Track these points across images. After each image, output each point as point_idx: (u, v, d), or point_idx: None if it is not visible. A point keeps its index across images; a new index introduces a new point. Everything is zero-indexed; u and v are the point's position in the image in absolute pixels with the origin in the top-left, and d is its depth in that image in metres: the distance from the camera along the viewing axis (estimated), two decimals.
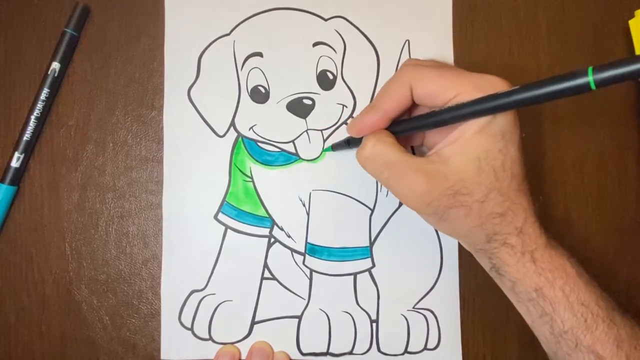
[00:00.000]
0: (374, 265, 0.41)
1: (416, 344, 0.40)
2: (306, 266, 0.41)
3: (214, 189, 0.41)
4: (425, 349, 0.40)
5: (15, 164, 0.40)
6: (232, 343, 0.40)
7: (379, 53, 0.42)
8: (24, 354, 0.40)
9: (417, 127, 0.33)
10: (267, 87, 0.41)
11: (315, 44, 0.41)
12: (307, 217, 0.41)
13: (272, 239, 0.41)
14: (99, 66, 0.41)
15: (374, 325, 0.40)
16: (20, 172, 0.40)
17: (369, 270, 0.41)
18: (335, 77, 0.41)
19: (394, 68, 0.42)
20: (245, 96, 0.41)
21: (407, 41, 0.42)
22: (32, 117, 0.40)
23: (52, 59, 0.40)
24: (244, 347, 0.40)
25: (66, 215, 0.41)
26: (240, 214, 0.40)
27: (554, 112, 0.42)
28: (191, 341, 0.40)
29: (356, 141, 0.36)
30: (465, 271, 0.41)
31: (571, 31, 0.43)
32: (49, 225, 0.41)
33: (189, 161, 0.41)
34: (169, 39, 0.41)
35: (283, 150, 0.41)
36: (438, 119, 0.31)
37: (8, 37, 0.41)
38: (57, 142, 0.41)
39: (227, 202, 0.41)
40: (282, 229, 0.41)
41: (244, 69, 0.41)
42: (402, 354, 0.40)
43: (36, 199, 0.41)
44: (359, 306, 0.41)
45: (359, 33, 0.42)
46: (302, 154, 0.41)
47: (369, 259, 0.41)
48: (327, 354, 0.40)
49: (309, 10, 0.42)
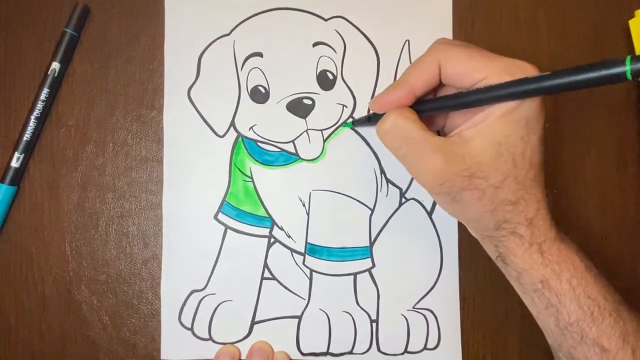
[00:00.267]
0: (374, 265, 0.41)
1: (416, 344, 0.40)
2: (306, 266, 0.41)
3: (214, 189, 0.41)
4: (425, 348, 0.40)
5: (15, 164, 0.40)
6: (232, 343, 0.40)
7: (379, 53, 0.42)
8: (24, 354, 0.40)
9: (442, 107, 0.33)
10: (267, 87, 0.41)
11: (315, 44, 0.41)
12: (307, 217, 0.41)
13: (272, 239, 0.41)
14: (99, 66, 0.41)
15: (374, 325, 0.40)
16: (20, 172, 0.40)
17: (369, 270, 0.41)
18: (335, 77, 0.41)
19: (394, 68, 0.42)
20: (245, 96, 0.41)
21: (407, 41, 0.42)
22: (32, 117, 0.40)
23: (52, 59, 0.40)
24: (244, 347, 0.40)
25: (66, 215, 0.41)
26: (240, 214, 0.40)
27: (554, 112, 0.42)
28: (191, 341, 0.40)
29: (377, 118, 0.35)
30: (465, 271, 0.41)
31: (571, 31, 0.43)
32: (49, 225, 0.41)
33: (189, 161, 0.41)
34: (169, 39, 0.41)
35: (283, 150, 0.41)
36: (465, 100, 0.31)
37: (8, 37, 0.41)
38: (57, 142, 0.41)
39: (227, 202, 0.41)
40: (282, 229, 0.41)
41: (244, 69, 0.41)
42: (402, 354, 0.40)
43: (36, 199, 0.41)
44: (359, 306, 0.41)
45: (359, 33, 0.42)
46: (302, 154, 0.41)
47: (369, 259, 0.41)
48: (327, 354, 0.40)
49: (309, 10, 0.42)
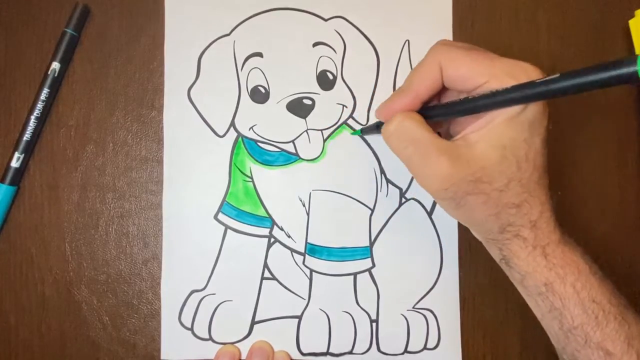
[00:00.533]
0: (374, 265, 0.41)
1: (416, 344, 0.40)
2: (306, 266, 0.41)
3: (214, 189, 0.41)
4: (425, 348, 0.40)
5: (15, 164, 0.40)
6: (232, 343, 0.40)
7: (379, 53, 0.42)
8: (24, 354, 0.40)
9: (449, 113, 0.32)
10: (267, 87, 0.41)
11: (315, 44, 0.41)
12: (307, 217, 0.41)
13: (272, 239, 0.41)
14: (99, 66, 0.41)
15: (374, 325, 0.40)
16: (20, 172, 0.40)
17: (369, 270, 0.41)
18: (335, 77, 0.41)
19: (394, 68, 0.42)
20: (245, 96, 0.41)
21: (407, 41, 0.42)
22: (32, 117, 0.40)
23: (52, 59, 0.40)
24: (244, 347, 0.40)
25: (66, 215, 0.41)
26: (240, 214, 0.40)
27: (554, 111, 0.42)
28: (191, 341, 0.40)
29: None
30: (465, 271, 0.41)
31: (571, 31, 0.43)
32: (49, 225, 0.41)
33: (189, 161, 0.41)
34: (169, 39, 0.41)
35: (283, 150, 0.41)
36: (472, 105, 0.31)
37: (8, 37, 0.41)
38: (57, 142, 0.41)
39: (227, 202, 0.41)
40: (282, 229, 0.41)
41: (244, 69, 0.41)
42: (402, 354, 0.40)
43: (36, 199, 0.41)
44: (359, 306, 0.41)
45: (359, 33, 0.42)
46: (302, 154, 0.41)
47: (369, 259, 0.41)
48: (327, 353, 0.40)
49: (309, 10, 0.42)
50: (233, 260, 0.40)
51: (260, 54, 0.41)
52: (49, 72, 0.40)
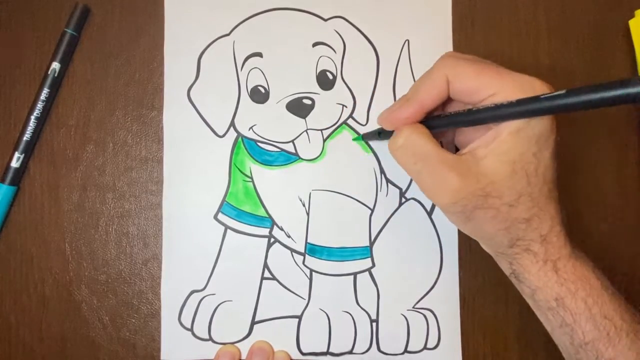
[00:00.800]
0: (373, 265, 0.41)
1: (416, 344, 0.40)
2: (306, 266, 0.41)
3: (213, 189, 0.41)
4: (425, 348, 0.40)
5: (15, 164, 0.40)
6: (232, 343, 0.40)
7: (379, 53, 0.42)
8: (24, 354, 0.40)
9: (453, 123, 0.32)
10: (266, 87, 0.41)
11: (315, 44, 0.41)
12: (307, 217, 0.41)
13: (272, 239, 0.41)
14: (99, 66, 0.41)
15: (374, 324, 0.40)
16: (20, 172, 0.40)
17: (368, 270, 0.41)
18: (335, 77, 0.41)
19: (393, 68, 0.42)
20: (245, 96, 0.41)
21: (407, 41, 0.42)
22: (32, 117, 0.40)
23: (52, 59, 0.40)
24: (244, 347, 0.40)
25: (66, 215, 0.41)
26: (240, 214, 0.40)
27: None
28: (191, 341, 0.40)
29: (388, 133, 0.35)
30: (465, 271, 0.41)
31: (571, 31, 0.43)
32: (49, 225, 0.41)
33: (188, 161, 0.41)
34: (169, 39, 0.41)
35: (283, 150, 0.41)
36: (476, 117, 0.31)
37: (8, 37, 0.41)
38: (57, 142, 0.41)
39: (227, 202, 0.41)
40: (282, 229, 0.41)
41: (243, 69, 0.41)
42: (402, 354, 0.40)
43: (36, 199, 0.41)
44: (359, 306, 0.41)
45: (359, 33, 0.42)
46: (302, 154, 0.41)
47: (369, 259, 0.41)
48: (327, 353, 0.40)
49: (309, 10, 0.42)
50: (233, 260, 0.40)
51: (260, 54, 0.41)
52: (49, 72, 0.40)
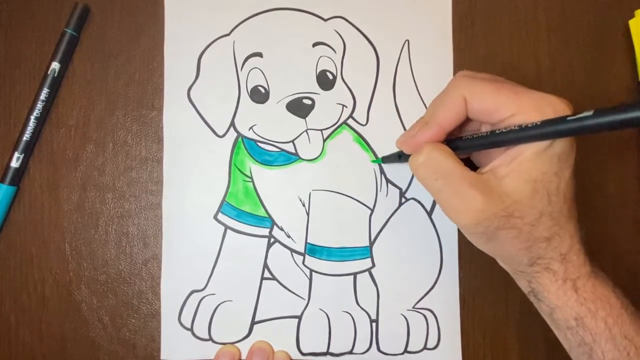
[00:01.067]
0: (373, 265, 0.41)
1: (416, 344, 0.40)
2: (306, 266, 0.41)
3: (214, 189, 0.41)
4: (425, 348, 0.40)
5: (15, 164, 0.40)
6: (232, 343, 0.40)
7: (379, 53, 0.42)
8: (24, 354, 0.40)
9: (477, 146, 0.32)
10: (267, 87, 0.41)
11: (315, 44, 0.41)
12: (306, 217, 0.41)
13: (272, 239, 0.41)
14: (99, 66, 0.41)
15: (374, 325, 0.40)
16: (20, 172, 0.40)
17: (368, 270, 0.41)
18: (335, 77, 0.41)
19: (393, 68, 0.42)
20: (245, 96, 0.41)
21: (407, 41, 0.42)
22: (32, 117, 0.40)
23: (52, 59, 0.40)
24: (244, 347, 0.40)
25: (66, 215, 0.41)
26: (240, 214, 0.40)
27: None
28: (191, 341, 0.40)
29: (408, 156, 0.34)
30: (465, 271, 0.41)
31: (571, 31, 0.43)
32: (49, 225, 0.41)
33: (189, 161, 0.41)
34: (169, 39, 0.41)
35: (283, 150, 0.41)
36: (500, 139, 0.30)
37: (8, 37, 0.41)
38: (57, 142, 0.41)
39: (227, 202, 0.41)
40: (281, 229, 0.41)
41: (243, 69, 0.41)
42: (402, 354, 0.40)
43: (36, 199, 0.41)
44: (359, 306, 0.41)
45: (359, 33, 0.42)
46: (302, 154, 0.41)
47: (369, 259, 0.41)
48: (327, 353, 0.40)
49: (309, 10, 0.42)
50: (233, 260, 0.40)
51: (260, 54, 0.41)
52: (48, 72, 0.40)
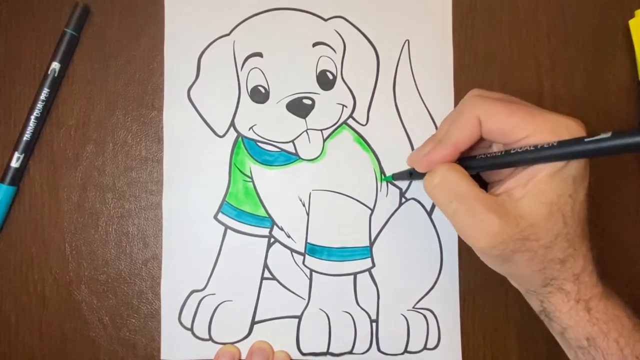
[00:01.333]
0: (373, 265, 0.41)
1: (416, 344, 0.40)
2: (306, 266, 0.41)
3: (214, 189, 0.41)
4: (425, 348, 0.40)
5: (15, 164, 0.40)
6: (232, 343, 0.40)
7: (379, 53, 0.42)
8: (24, 354, 0.40)
9: (492, 165, 0.32)
10: (267, 87, 0.41)
11: (315, 44, 0.41)
12: (307, 217, 0.41)
13: (272, 239, 0.41)
14: (99, 66, 0.41)
15: (374, 325, 0.40)
16: (20, 172, 0.40)
17: (368, 270, 0.41)
18: (335, 77, 0.41)
19: (393, 68, 0.42)
20: (245, 96, 0.41)
21: (407, 41, 0.42)
22: (32, 117, 0.40)
23: (52, 59, 0.40)
24: (244, 347, 0.40)
25: (66, 215, 0.41)
26: (240, 214, 0.40)
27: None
28: (191, 341, 0.40)
29: (420, 174, 0.34)
30: (465, 271, 0.41)
31: (571, 31, 0.43)
32: (49, 225, 0.41)
33: (189, 161, 0.41)
34: (169, 39, 0.41)
35: (283, 150, 0.41)
36: (514, 159, 0.30)
37: (8, 37, 0.41)
38: (57, 142, 0.41)
39: (227, 202, 0.41)
40: (282, 229, 0.41)
41: (243, 69, 0.41)
42: (402, 354, 0.40)
43: (36, 199, 0.41)
44: (359, 306, 0.41)
45: (359, 33, 0.42)
46: (302, 154, 0.41)
47: (369, 259, 0.41)
48: (327, 353, 0.40)
49: (309, 10, 0.42)
50: (233, 260, 0.40)
51: (260, 54, 0.41)
52: (48, 72, 0.40)
